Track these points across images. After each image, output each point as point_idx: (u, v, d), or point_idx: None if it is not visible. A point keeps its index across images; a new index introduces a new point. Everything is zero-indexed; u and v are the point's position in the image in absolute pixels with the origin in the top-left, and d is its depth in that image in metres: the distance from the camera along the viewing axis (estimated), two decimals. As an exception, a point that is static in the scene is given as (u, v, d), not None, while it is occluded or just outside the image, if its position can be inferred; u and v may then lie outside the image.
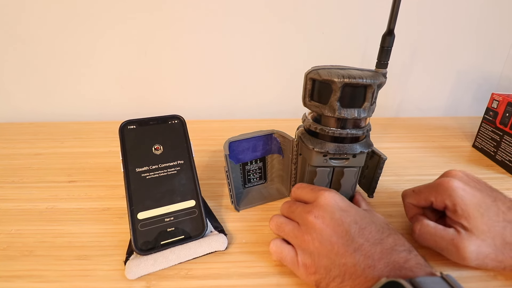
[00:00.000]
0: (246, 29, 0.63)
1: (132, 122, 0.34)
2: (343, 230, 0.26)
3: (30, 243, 0.33)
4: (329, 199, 0.28)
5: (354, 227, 0.26)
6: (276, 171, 0.42)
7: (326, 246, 0.25)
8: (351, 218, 0.26)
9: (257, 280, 0.29)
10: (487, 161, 0.50)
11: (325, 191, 0.29)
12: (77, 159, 0.50)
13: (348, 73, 0.30)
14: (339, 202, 0.28)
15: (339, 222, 0.26)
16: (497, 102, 0.49)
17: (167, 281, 0.28)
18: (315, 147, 0.33)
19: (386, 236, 0.25)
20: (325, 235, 0.26)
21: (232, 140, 0.36)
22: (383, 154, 0.36)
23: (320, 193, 0.29)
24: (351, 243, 0.25)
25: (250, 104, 0.71)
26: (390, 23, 0.30)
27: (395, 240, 0.25)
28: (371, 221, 0.27)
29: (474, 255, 0.26)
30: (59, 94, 0.67)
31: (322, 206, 0.27)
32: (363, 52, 0.66)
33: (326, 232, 0.26)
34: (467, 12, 0.64)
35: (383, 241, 0.25)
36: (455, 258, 0.27)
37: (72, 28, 0.61)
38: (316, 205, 0.28)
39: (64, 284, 0.28)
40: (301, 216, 0.28)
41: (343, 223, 0.26)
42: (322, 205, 0.27)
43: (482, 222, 0.26)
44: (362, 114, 0.31)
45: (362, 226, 0.26)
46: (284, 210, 0.32)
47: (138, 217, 0.30)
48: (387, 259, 0.23)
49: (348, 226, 0.26)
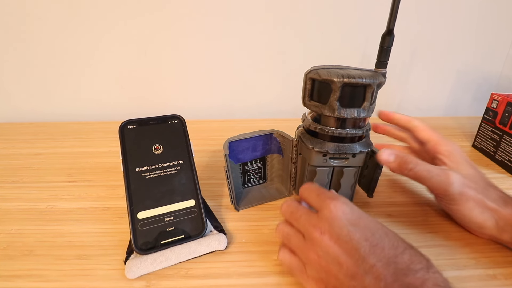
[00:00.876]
0: (246, 29, 0.63)
1: (132, 122, 0.34)
2: (352, 248, 0.23)
3: (30, 242, 0.33)
4: (336, 211, 0.25)
5: (364, 245, 0.23)
6: (276, 171, 0.42)
7: (334, 266, 0.23)
8: (360, 234, 0.24)
9: (257, 280, 0.29)
10: (487, 161, 0.51)
11: (331, 201, 0.26)
12: (77, 159, 0.50)
13: (348, 73, 0.30)
14: (348, 214, 0.25)
15: (347, 239, 0.24)
16: (496, 102, 0.49)
17: (167, 280, 0.28)
18: (315, 146, 0.33)
19: (400, 253, 0.23)
20: (332, 254, 0.24)
21: (232, 140, 0.36)
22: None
23: (326, 204, 0.26)
24: (361, 264, 0.22)
25: (250, 104, 0.71)
26: (389, 23, 0.30)
27: (411, 256, 0.23)
28: (384, 235, 0.24)
29: (458, 181, 0.30)
30: (59, 94, 0.67)
31: (328, 220, 0.25)
32: (363, 52, 0.66)
33: (333, 250, 0.24)
34: (466, 12, 0.64)
35: (398, 259, 0.22)
36: (443, 184, 0.30)
37: (72, 28, 0.61)
38: (322, 217, 0.25)
39: (64, 283, 0.28)
40: (306, 229, 0.26)
41: (351, 240, 0.24)
42: (328, 219, 0.25)
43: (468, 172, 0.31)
44: (361, 114, 0.31)
45: (374, 243, 0.23)
46: (287, 214, 0.29)
47: (138, 216, 0.30)
48: (401, 281, 0.21)
49: (357, 244, 0.23)
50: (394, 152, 0.31)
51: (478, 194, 0.30)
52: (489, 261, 0.30)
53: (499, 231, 0.30)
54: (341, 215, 0.25)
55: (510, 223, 0.30)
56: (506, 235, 0.30)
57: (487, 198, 0.30)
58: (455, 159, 0.32)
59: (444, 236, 0.34)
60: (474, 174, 0.32)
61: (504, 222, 0.30)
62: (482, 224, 0.31)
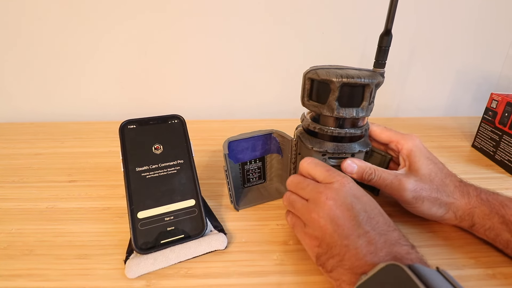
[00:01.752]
0: (245, 30, 0.63)
1: (132, 122, 0.34)
2: (351, 215, 0.26)
3: (31, 242, 0.33)
4: (344, 184, 0.28)
5: (363, 215, 0.26)
6: (275, 171, 0.42)
7: (332, 226, 0.26)
8: (361, 205, 0.27)
9: (257, 279, 0.29)
10: (487, 161, 0.51)
11: (342, 178, 0.28)
12: (77, 159, 0.50)
13: (346, 72, 0.30)
14: (354, 190, 0.28)
15: (349, 207, 0.26)
16: (496, 102, 0.49)
17: (167, 280, 0.28)
18: (314, 146, 0.33)
19: (392, 230, 0.26)
20: (333, 216, 0.26)
21: (231, 140, 0.37)
22: (387, 153, 0.36)
23: (337, 179, 0.28)
24: (357, 228, 0.25)
25: (250, 104, 0.71)
26: (387, 23, 0.30)
27: (399, 235, 0.26)
28: (380, 214, 0.27)
29: (411, 186, 0.32)
30: (59, 94, 0.67)
31: (335, 189, 0.27)
32: (362, 52, 0.66)
33: (334, 213, 0.26)
34: (466, 12, 0.64)
35: (388, 234, 0.25)
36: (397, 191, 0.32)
37: (72, 28, 0.61)
38: (330, 187, 0.28)
39: (65, 283, 0.28)
40: (312, 195, 0.28)
41: (353, 208, 0.26)
42: (336, 189, 0.28)
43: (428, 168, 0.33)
44: (360, 113, 0.31)
45: (371, 215, 0.26)
46: (292, 185, 0.31)
47: (138, 216, 0.30)
48: (390, 249, 0.24)
49: (357, 213, 0.26)
50: (356, 163, 0.33)
51: (433, 193, 0.32)
52: (489, 261, 0.31)
53: (459, 220, 0.33)
54: (347, 188, 0.28)
55: (467, 212, 0.32)
56: (465, 223, 0.33)
57: (443, 194, 0.32)
58: (415, 158, 0.33)
59: (444, 236, 0.34)
60: (432, 170, 0.33)
61: (462, 211, 0.32)
62: (442, 217, 0.33)
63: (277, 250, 0.32)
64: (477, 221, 0.31)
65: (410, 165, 0.34)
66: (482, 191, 0.32)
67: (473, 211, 0.31)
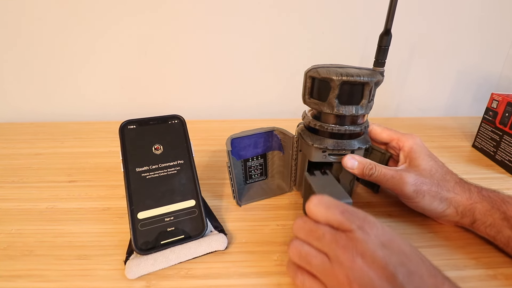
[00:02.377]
0: (246, 29, 0.63)
1: (132, 122, 0.34)
2: (388, 275, 0.21)
3: (31, 242, 0.33)
4: (368, 232, 0.23)
5: (401, 271, 0.21)
6: (277, 167, 0.43)
7: None
8: (396, 258, 0.22)
9: (257, 280, 0.29)
10: (487, 161, 0.50)
11: (362, 221, 0.24)
12: (77, 159, 0.50)
13: (346, 71, 0.31)
14: (380, 236, 0.23)
15: (383, 264, 0.21)
16: (496, 102, 0.49)
17: (167, 280, 0.28)
18: (315, 143, 0.34)
19: (441, 284, 0.21)
20: (367, 279, 0.21)
21: (234, 137, 0.37)
22: (386, 151, 0.37)
23: (356, 224, 0.24)
24: None
25: (250, 104, 0.71)
26: (387, 23, 0.31)
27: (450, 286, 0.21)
28: (420, 262, 0.23)
29: (412, 180, 0.32)
30: (59, 94, 0.67)
31: (360, 241, 0.23)
32: (362, 51, 0.66)
33: (368, 275, 0.21)
34: (466, 12, 0.64)
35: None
36: (398, 185, 0.32)
37: (72, 28, 0.61)
38: (353, 238, 0.23)
39: (64, 283, 0.28)
40: (333, 250, 0.23)
41: (387, 265, 0.21)
42: (360, 240, 0.23)
43: (428, 164, 0.33)
44: (359, 111, 0.32)
45: (411, 269, 0.22)
46: (303, 232, 0.26)
47: (138, 216, 0.30)
48: None
49: (393, 269, 0.21)
50: (357, 159, 0.33)
51: (433, 187, 0.32)
52: (490, 261, 0.30)
53: (460, 216, 0.32)
54: (373, 237, 0.23)
55: (468, 208, 0.31)
56: (466, 219, 0.32)
57: (443, 189, 0.32)
58: (415, 154, 0.34)
59: (444, 236, 0.34)
60: (433, 166, 0.33)
61: (463, 207, 0.32)
62: (443, 213, 0.32)
63: (278, 251, 0.32)
64: (478, 217, 0.31)
65: (411, 161, 0.34)
66: (483, 189, 0.32)
67: (475, 207, 0.31)
